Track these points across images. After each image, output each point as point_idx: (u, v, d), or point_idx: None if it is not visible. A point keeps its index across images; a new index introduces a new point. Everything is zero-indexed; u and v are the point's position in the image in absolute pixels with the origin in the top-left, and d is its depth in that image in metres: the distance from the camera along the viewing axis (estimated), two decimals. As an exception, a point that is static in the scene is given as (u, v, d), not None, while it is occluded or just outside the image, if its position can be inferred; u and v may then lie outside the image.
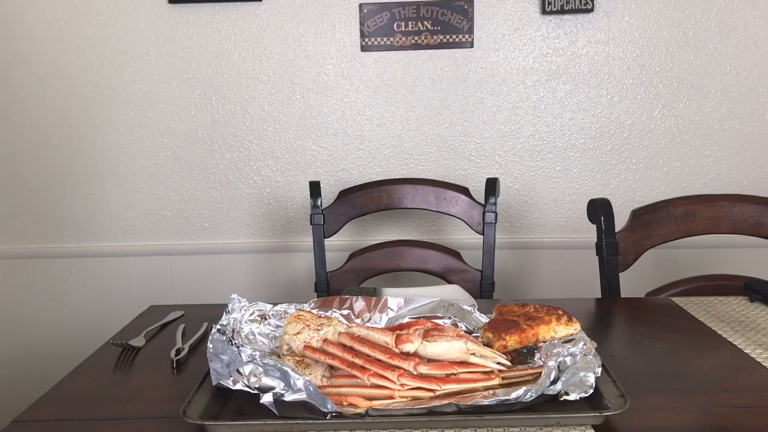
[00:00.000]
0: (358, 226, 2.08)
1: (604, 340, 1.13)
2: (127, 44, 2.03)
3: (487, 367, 0.91)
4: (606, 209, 1.54)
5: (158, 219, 2.12)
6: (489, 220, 1.76)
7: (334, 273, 1.79)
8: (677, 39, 1.99)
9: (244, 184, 2.11)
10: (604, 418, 0.83)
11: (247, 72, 2.05)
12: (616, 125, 2.04)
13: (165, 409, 0.91)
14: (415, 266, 1.81)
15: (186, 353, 1.11)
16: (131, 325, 1.29)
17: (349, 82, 2.04)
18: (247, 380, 0.86)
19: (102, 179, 2.10)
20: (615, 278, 1.52)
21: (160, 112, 2.07)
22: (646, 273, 1.73)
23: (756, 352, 1.07)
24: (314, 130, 2.07)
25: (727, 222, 1.59)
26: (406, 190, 1.83)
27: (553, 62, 2.02)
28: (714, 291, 1.47)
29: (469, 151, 2.07)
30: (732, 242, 1.73)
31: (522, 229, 2.10)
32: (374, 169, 2.09)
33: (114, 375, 1.07)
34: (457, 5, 1.99)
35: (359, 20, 2.01)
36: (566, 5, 1.96)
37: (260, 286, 2.14)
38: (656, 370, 1.02)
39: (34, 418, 0.91)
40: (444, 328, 1.00)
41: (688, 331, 1.18)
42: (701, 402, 0.90)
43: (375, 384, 0.88)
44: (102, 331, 1.40)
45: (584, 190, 2.07)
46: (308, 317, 1.01)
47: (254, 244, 2.13)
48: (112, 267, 2.14)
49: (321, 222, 1.79)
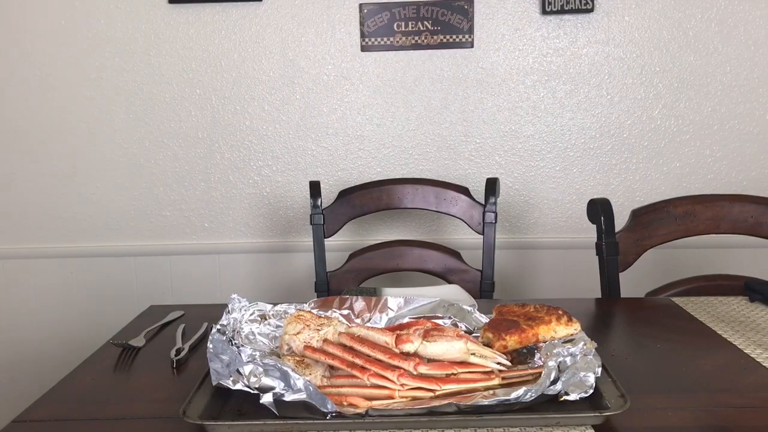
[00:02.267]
0: (358, 226, 2.08)
1: (604, 340, 1.13)
2: (127, 44, 2.03)
3: (487, 367, 0.91)
4: (606, 209, 1.54)
5: (158, 219, 2.12)
6: (489, 220, 1.76)
7: (334, 273, 1.79)
8: (677, 39, 1.99)
9: (244, 184, 2.11)
10: (604, 418, 0.83)
11: (247, 72, 2.05)
12: (616, 125, 2.04)
13: (165, 409, 0.91)
14: (415, 266, 1.81)
15: (186, 353, 1.11)
16: (131, 325, 1.29)
17: (349, 82, 2.04)
18: (247, 380, 0.86)
19: (102, 179, 2.10)
20: (615, 278, 1.52)
21: (160, 112, 2.07)
22: (646, 273, 1.73)
23: (756, 352, 1.07)
24: (314, 130, 2.07)
25: (727, 222, 1.59)
26: (406, 190, 1.83)
27: (553, 62, 2.02)
28: (714, 291, 1.47)
29: (469, 151, 2.07)
30: (732, 242, 1.73)
31: (522, 229, 2.10)
32: (374, 169, 2.09)
33: (114, 375, 1.07)
34: (457, 5, 1.99)
35: (359, 20, 2.01)
36: (566, 5, 1.96)
37: (260, 286, 2.14)
38: (656, 370, 1.02)
39: (34, 418, 0.91)
40: (444, 328, 1.00)
41: (688, 331, 1.18)
42: (701, 402, 0.90)
43: (375, 384, 0.88)
44: (102, 331, 1.40)
45: (584, 190, 2.07)
46: (308, 317, 1.01)
47: (254, 244, 2.13)
48: (112, 267, 2.14)
49: (321, 222, 1.79)
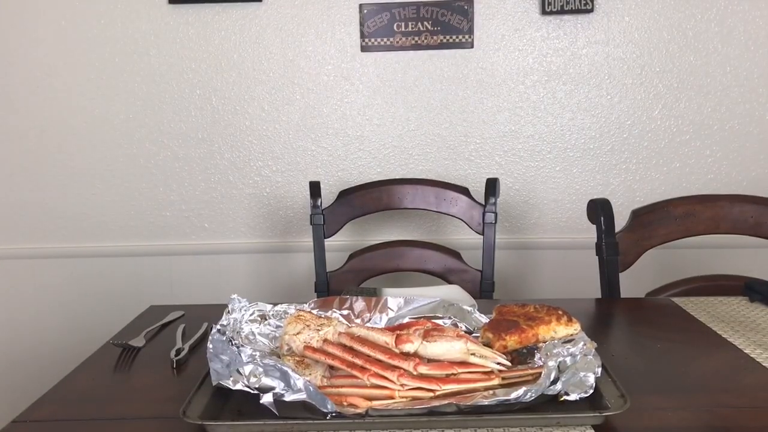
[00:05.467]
0: (358, 226, 2.08)
1: (604, 340, 1.13)
2: (127, 44, 2.03)
3: (487, 368, 0.91)
4: (606, 209, 1.54)
5: (158, 219, 2.12)
6: (489, 221, 1.76)
7: (334, 273, 1.79)
8: (677, 39, 1.99)
9: (244, 184, 2.11)
10: (604, 418, 0.83)
11: (247, 72, 2.05)
12: (616, 125, 2.04)
13: (165, 409, 0.91)
14: (415, 266, 1.81)
15: (186, 353, 1.11)
16: (131, 325, 1.29)
17: (349, 83, 2.04)
18: (247, 380, 0.86)
19: (102, 179, 2.10)
20: (615, 278, 1.52)
21: (160, 112, 2.07)
22: (646, 273, 1.73)
23: (756, 352, 1.07)
24: (314, 131, 2.07)
25: (727, 222, 1.59)
26: (406, 190, 1.83)
27: (553, 62, 2.02)
28: (714, 291, 1.47)
29: (469, 151, 2.07)
30: (732, 242, 1.73)
31: (522, 229, 2.10)
32: (374, 169, 2.09)
33: (114, 375, 1.07)
34: (457, 5, 1.99)
35: (359, 20, 2.01)
36: (566, 5, 1.96)
37: (260, 286, 2.14)
38: (656, 370, 1.02)
39: (34, 418, 0.91)
40: (444, 328, 1.00)
41: (688, 331, 1.18)
42: (701, 402, 0.90)
43: (375, 384, 0.88)
44: (102, 331, 1.40)
45: (584, 191, 2.07)
46: (308, 317, 1.01)
47: (254, 245, 2.13)
48: (112, 267, 2.14)
49: (321, 222, 1.79)
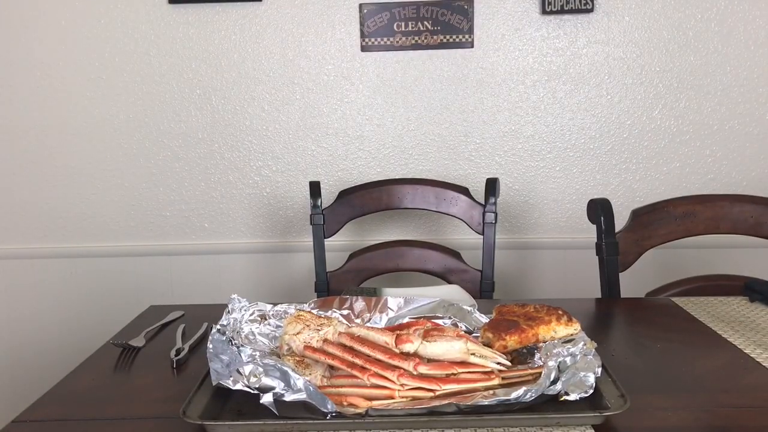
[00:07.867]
0: (358, 226, 2.08)
1: (604, 340, 1.13)
2: (127, 44, 2.03)
3: (487, 367, 0.91)
4: (606, 209, 1.54)
5: (158, 219, 2.12)
6: (489, 220, 1.76)
7: (334, 273, 1.79)
8: (677, 39, 1.99)
9: (244, 184, 2.11)
10: (604, 418, 0.83)
11: (247, 72, 2.05)
12: (616, 125, 2.04)
13: (165, 409, 0.91)
14: (415, 266, 1.81)
15: (186, 353, 1.11)
16: (131, 325, 1.29)
17: (349, 82, 2.04)
18: (247, 380, 0.86)
19: (102, 179, 2.10)
20: (615, 278, 1.52)
21: (160, 112, 2.07)
22: (646, 273, 1.73)
23: (756, 352, 1.07)
24: (314, 130, 2.07)
25: (727, 222, 1.59)
26: (406, 190, 1.83)
27: (553, 62, 2.02)
28: (714, 291, 1.47)
29: (469, 151, 2.07)
30: (732, 242, 1.73)
31: (522, 229, 2.10)
32: (374, 169, 2.09)
33: (114, 375, 1.07)
34: (457, 5, 1.99)
35: (359, 20, 2.01)
36: (566, 5, 1.96)
37: (260, 286, 2.14)
38: (656, 370, 1.02)
39: (34, 418, 0.91)
40: (444, 328, 1.00)
41: (688, 331, 1.18)
42: (701, 402, 0.90)
43: (375, 384, 0.88)
44: (102, 331, 1.40)
45: (584, 190, 2.07)
46: (308, 317, 1.01)
47: (254, 244, 2.13)
48: (112, 267, 2.14)
49: (321, 222, 1.79)
